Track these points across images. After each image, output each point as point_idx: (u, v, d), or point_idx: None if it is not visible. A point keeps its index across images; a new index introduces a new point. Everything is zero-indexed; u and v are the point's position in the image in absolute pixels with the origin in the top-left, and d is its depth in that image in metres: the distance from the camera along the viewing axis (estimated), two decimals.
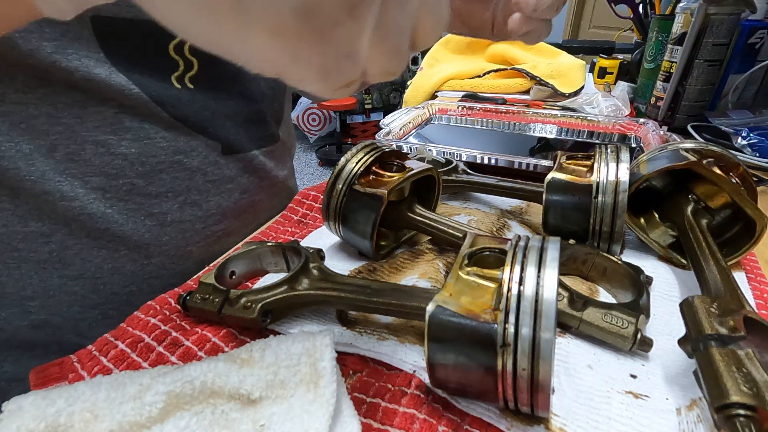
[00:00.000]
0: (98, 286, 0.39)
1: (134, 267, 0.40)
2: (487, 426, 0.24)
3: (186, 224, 0.42)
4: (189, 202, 0.41)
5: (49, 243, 0.36)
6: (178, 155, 0.39)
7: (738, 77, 0.69)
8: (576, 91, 0.86)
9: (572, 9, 3.03)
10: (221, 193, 0.44)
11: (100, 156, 0.35)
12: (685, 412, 0.24)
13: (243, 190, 0.46)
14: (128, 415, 0.22)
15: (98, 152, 0.35)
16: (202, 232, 0.43)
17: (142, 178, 0.37)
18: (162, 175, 0.38)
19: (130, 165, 0.36)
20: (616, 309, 0.28)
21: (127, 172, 0.36)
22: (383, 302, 0.29)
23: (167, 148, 0.38)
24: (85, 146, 0.34)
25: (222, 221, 0.45)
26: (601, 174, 0.35)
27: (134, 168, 0.37)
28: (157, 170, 0.38)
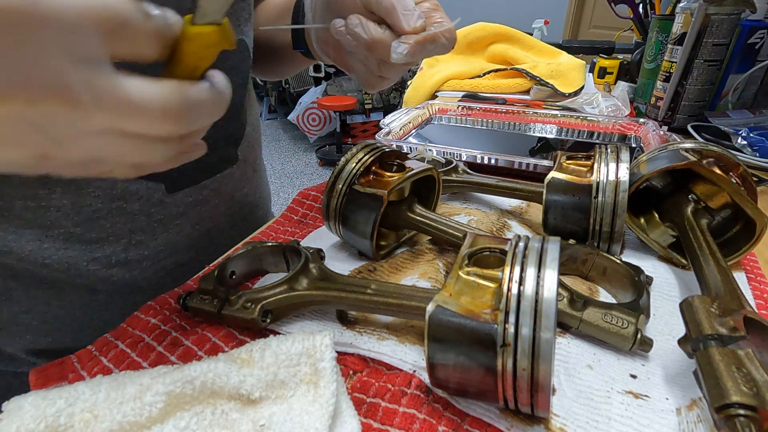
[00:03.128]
0: (47, 317, 0.38)
1: (82, 301, 0.39)
2: (487, 426, 0.24)
3: (132, 263, 0.40)
4: (134, 243, 0.39)
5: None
6: (116, 201, 0.37)
7: (738, 77, 0.69)
8: (576, 91, 0.86)
9: (572, 9, 3.03)
10: (169, 230, 0.42)
11: (32, 210, 0.34)
12: (685, 412, 0.24)
13: (195, 222, 0.44)
14: (128, 416, 0.22)
15: (28, 206, 0.34)
16: (151, 268, 0.42)
17: (79, 227, 0.36)
18: (101, 221, 0.37)
19: (65, 216, 0.35)
20: (616, 309, 0.28)
21: (62, 223, 0.35)
22: (383, 302, 0.29)
23: (103, 197, 0.36)
24: (14, 202, 0.33)
25: (172, 255, 0.43)
26: (601, 174, 0.35)
27: (69, 218, 0.35)
28: (95, 218, 0.36)
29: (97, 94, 0.17)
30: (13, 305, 0.37)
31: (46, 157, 0.18)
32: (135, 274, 0.41)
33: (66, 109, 0.17)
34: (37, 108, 0.16)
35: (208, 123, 0.22)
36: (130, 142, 0.19)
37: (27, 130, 0.17)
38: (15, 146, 0.18)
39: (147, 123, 0.19)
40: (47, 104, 0.16)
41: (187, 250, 0.44)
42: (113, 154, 0.20)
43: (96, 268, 0.38)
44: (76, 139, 0.18)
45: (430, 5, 0.34)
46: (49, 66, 0.16)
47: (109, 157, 0.20)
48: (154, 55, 0.19)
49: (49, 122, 0.17)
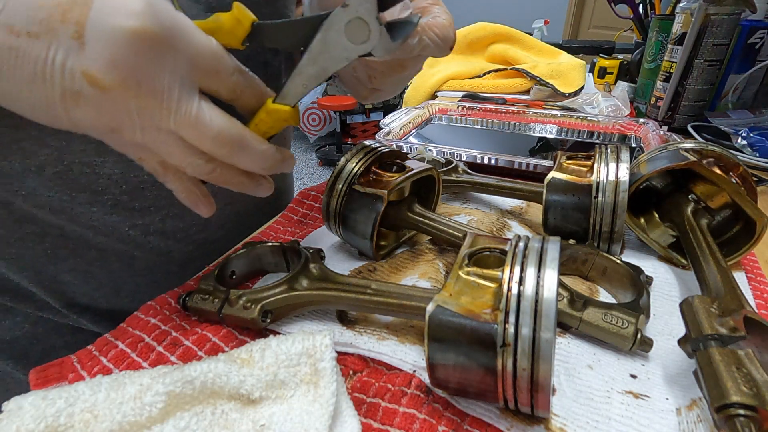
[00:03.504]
0: (88, 278, 0.41)
1: (121, 265, 0.42)
2: (487, 426, 0.24)
3: (168, 233, 0.43)
4: (171, 215, 0.42)
5: (43, 243, 0.38)
6: None
7: (738, 77, 0.69)
8: (576, 91, 0.86)
9: (572, 9, 3.03)
10: None
11: (86, 176, 0.36)
12: (685, 412, 0.24)
13: (227, 202, 0.46)
14: (128, 416, 0.22)
15: (84, 172, 0.36)
16: (184, 240, 0.44)
17: (126, 195, 0.39)
18: (145, 192, 0.40)
19: (115, 183, 0.38)
20: (616, 309, 0.28)
21: (111, 190, 0.38)
22: (383, 302, 0.29)
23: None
24: (72, 167, 0.36)
25: (204, 230, 0.45)
26: (601, 174, 0.35)
27: (118, 186, 0.38)
28: (140, 188, 0.39)
29: (180, 103, 0.23)
30: (59, 263, 0.39)
31: (115, 132, 0.23)
32: (169, 244, 0.43)
33: (157, 107, 0.22)
34: (140, 100, 0.22)
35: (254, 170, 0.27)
36: (180, 148, 0.25)
37: (120, 110, 0.22)
38: (101, 116, 0.22)
39: (202, 138, 0.24)
40: (148, 99, 0.22)
41: (217, 228, 0.46)
42: (162, 150, 0.24)
43: (135, 234, 0.41)
44: (147, 129, 0.23)
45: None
46: (162, 75, 0.22)
47: (157, 151, 0.25)
48: (225, 98, 0.25)
49: (140, 111, 0.22)
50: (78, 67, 0.21)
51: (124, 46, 0.21)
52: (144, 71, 0.21)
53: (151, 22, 0.21)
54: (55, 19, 0.20)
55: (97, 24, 0.20)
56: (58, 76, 0.21)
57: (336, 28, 0.26)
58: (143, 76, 0.21)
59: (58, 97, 0.21)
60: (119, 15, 0.20)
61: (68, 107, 0.22)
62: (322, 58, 0.27)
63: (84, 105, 0.22)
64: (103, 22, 0.20)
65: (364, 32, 0.26)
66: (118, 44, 0.21)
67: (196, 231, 0.45)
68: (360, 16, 0.26)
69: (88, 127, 0.23)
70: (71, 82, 0.21)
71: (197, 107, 0.24)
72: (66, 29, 0.20)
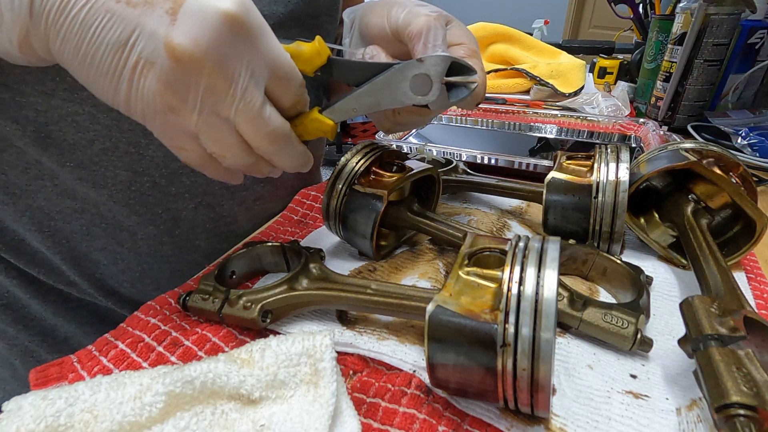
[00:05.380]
0: (118, 261, 0.43)
1: (148, 250, 0.43)
2: (487, 426, 0.24)
3: (197, 222, 0.44)
4: (203, 204, 0.43)
5: (81, 218, 0.39)
6: None
7: (738, 77, 0.69)
8: (576, 91, 0.86)
9: (572, 9, 3.03)
10: (235, 198, 0.45)
11: (130, 155, 0.38)
12: (685, 412, 0.24)
13: (257, 197, 0.47)
14: (128, 416, 0.22)
15: (128, 151, 0.38)
16: (212, 231, 0.45)
17: (164, 179, 0.40)
18: (183, 178, 0.41)
19: (155, 166, 0.39)
20: (616, 309, 0.28)
21: (151, 172, 0.39)
22: (383, 302, 0.29)
23: None
24: (119, 145, 0.37)
25: (232, 224, 0.47)
26: (601, 174, 0.35)
27: (159, 169, 0.39)
28: (179, 173, 0.41)
29: (246, 93, 0.24)
30: (92, 241, 0.41)
31: (173, 111, 0.24)
32: (197, 233, 0.45)
33: (224, 91, 0.23)
34: (210, 80, 0.23)
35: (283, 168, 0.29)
36: (232, 137, 0.25)
37: (187, 86, 0.23)
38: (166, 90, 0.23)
39: (256, 132, 0.25)
40: (218, 81, 0.23)
41: (245, 222, 0.48)
42: (212, 136, 0.25)
43: (167, 218, 0.42)
44: (206, 112, 0.24)
45: (466, 51, 0.33)
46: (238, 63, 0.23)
47: (207, 137, 0.25)
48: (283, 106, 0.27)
49: (206, 92, 0.23)
50: (162, 36, 0.22)
51: (213, 25, 0.22)
52: (223, 54, 0.22)
53: (244, 13, 0.22)
54: None
55: (195, 3, 0.22)
56: (141, 43, 0.22)
57: (404, 75, 0.29)
58: (221, 58, 0.22)
59: (131, 65, 0.22)
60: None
61: (137, 77, 0.22)
62: (382, 94, 0.29)
63: (153, 76, 0.22)
64: (201, 1, 0.22)
65: (426, 87, 0.29)
66: (208, 22, 0.22)
67: (225, 223, 0.46)
68: (428, 74, 0.29)
69: (146, 103, 0.23)
70: (150, 51, 0.22)
71: (261, 102, 0.25)
72: (163, 3, 0.22)
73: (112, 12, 0.21)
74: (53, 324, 0.43)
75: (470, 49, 0.33)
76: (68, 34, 0.22)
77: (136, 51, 0.22)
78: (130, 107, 0.24)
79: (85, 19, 0.21)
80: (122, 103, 0.24)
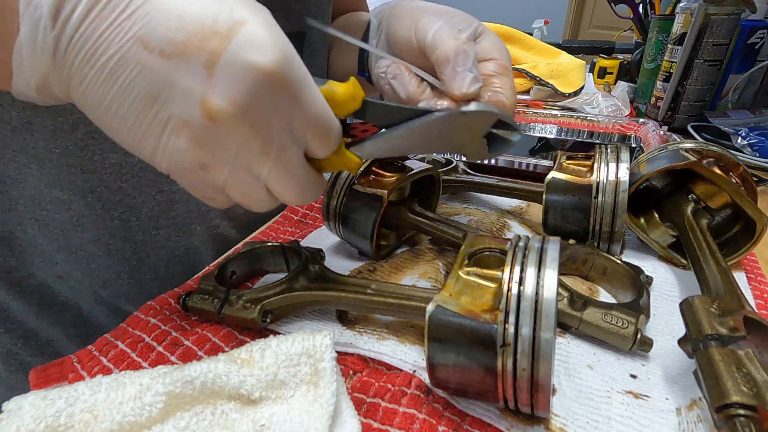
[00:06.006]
0: (112, 251, 0.41)
1: (144, 236, 0.42)
2: (487, 426, 0.24)
3: (192, 204, 0.43)
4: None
5: (69, 209, 0.38)
6: None
7: (738, 77, 0.69)
8: (576, 91, 0.86)
9: (572, 9, 3.03)
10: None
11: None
12: (685, 412, 0.24)
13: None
14: (128, 416, 0.22)
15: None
16: (207, 214, 0.45)
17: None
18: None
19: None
20: (616, 309, 0.28)
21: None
22: (383, 302, 0.29)
23: None
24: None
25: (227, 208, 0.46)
26: (601, 174, 0.35)
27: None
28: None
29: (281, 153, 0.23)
30: (84, 232, 0.39)
31: (204, 169, 0.23)
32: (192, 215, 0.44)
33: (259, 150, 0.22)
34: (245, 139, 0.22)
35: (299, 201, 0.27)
36: (261, 192, 0.25)
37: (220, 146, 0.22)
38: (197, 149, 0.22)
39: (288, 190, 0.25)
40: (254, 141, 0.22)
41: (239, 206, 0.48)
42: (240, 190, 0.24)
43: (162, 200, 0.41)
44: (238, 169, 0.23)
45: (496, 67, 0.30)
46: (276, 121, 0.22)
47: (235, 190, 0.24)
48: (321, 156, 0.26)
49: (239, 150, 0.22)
50: (198, 94, 0.20)
51: (253, 84, 0.20)
52: (261, 113, 0.21)
53: (285, 68, 0.21)
54: (192, 44, 0.20)
55: (232, 58, 0.20)
56: (174, 99, 0.20)
57: (444, 125, 0.26)
58: (259, 117, 0.21)
59: (163, 121, 0.21)
60: (257, 53, 0.20)
61: (167, 133, 0.21)
62: (418, 139, 0.27)
63: (185, 135, 0.21)
64: (239, 56, 0.20)
65: (466, 139, 0.27)
66: (248, 82, 0.20)
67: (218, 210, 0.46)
68: (470, 128, 0.26)
69: (175, 161, 0.22)
70: (184, 108, 0.20)
71: (297, 162, 0.24)
72: (200, 56, 0.20)
73: (144, 64, 0.19)
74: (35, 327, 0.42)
75: (501, 66, 0.31)
76: (93, 84, 0.20)
77: (168, 107, 0.20)
78: (155, 161, 0.22)
79: (114, 70, 0.20)
80: (147, 156, 0.22)
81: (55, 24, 0.19)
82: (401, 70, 0.31)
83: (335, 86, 0.25)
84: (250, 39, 0.20)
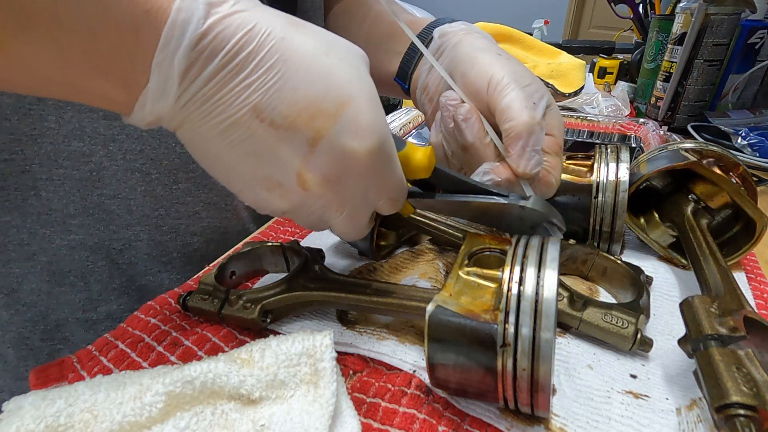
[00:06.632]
0: (131, 206, 0.41)
1: (163, 191, 0.42)
2: (487, 426, 0.24)
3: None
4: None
5: (89, 162, 0.38)
6: None
7: (738, 77, 0.69)
8: (576, 91, 0.86)
9: (572, 9, 3.03)
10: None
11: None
12: (685, 412, 0.24)
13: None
14: (128, 416, 0.22)
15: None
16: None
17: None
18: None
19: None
20: (616, 309, 0.28)
21: None
22: (383, 302, 0.29)
23: None
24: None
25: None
26: (601, 174, 0.35)
27: None
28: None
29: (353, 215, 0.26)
30: (104, 188, 0.40)
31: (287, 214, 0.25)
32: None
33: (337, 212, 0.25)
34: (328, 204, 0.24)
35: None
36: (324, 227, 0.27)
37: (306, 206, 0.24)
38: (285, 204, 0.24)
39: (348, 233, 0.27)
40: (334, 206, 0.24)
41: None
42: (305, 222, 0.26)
43: (182, 151, 0.41)
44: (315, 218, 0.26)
45: (552, 145, 0.32)
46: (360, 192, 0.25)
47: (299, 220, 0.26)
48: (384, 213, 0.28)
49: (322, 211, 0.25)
50: (297, 167, 0.22)
51: (348, 168, 0.22)
52: (347, 186, 0.23)
53: (377, 153, 0.23)
54: (301, 121, 0.21)
55: (335, 139, 0.22)
56: (273, 165, 0.22)
57: (500, 210, 0.28)
58: (343, 188, 0.23)
59: (260, 179, 0.23)
60: (357, 138, 0.22)
61: (262, 188, 0.23)
62: (471, 213, 0.30)
63: (276, 193, 0.23)
64: (342, 139, 0.22)
65: (515, 225, 0.29)
66: (344, 165, 0.22)
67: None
68: (523, 219, 0.28)
69: (263, 207, 0.25)
70: (281, 175, 0.22)
71: (363, 219, 0.26)
72: (306, 133, 0.21)
73: (254, 131, 0.21)
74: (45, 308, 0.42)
75: (557, 145, 0.32)
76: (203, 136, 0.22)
77: (267, 168, 0.22)
78: (242, 198, 0.25)
79: (226, 130, 0.21)
80: (234, 191, 0.24)
81: (182, 81, 0.20)
82: (473, 116, 0.32)
83: (413, 152, 0.27)
84: (353, 122, 0.22)
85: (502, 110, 0.31)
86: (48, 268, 0.41)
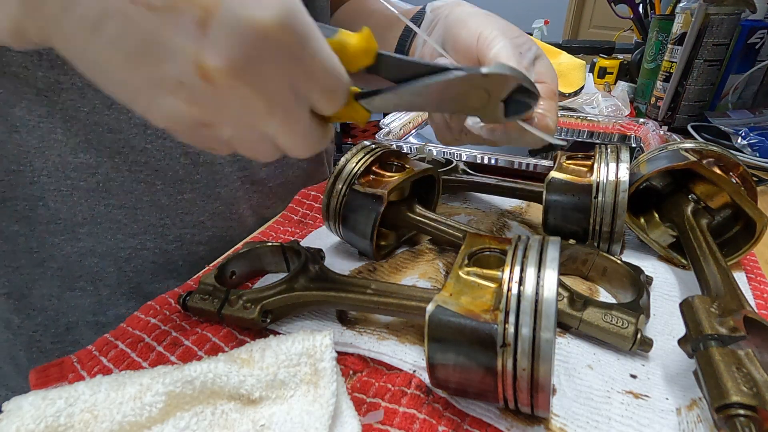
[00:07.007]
0: (138, 216, 0.42)
1: (169, 201, 0.43)
2: (487, 426, 0.24)
3: (217, 166, 0.44)
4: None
5: (96, 174, 0.39)
6: None
7: (738, 77, 0.69)
8: (576, 91, 0.86)
9: (572, 9, 3.03)
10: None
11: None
12: (685, 412, 0.24)
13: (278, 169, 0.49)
14: (128, 416, 0.22)
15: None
16: (231, 176, 0.46)
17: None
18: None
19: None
20: (616, 309, 0.28)
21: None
22: (383, 302, 0.29)
23: None
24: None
25: (247, 167, 0.47)
26: (601, 174, 0.35)
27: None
28: None
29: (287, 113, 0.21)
30: (110, 198, 0.40)
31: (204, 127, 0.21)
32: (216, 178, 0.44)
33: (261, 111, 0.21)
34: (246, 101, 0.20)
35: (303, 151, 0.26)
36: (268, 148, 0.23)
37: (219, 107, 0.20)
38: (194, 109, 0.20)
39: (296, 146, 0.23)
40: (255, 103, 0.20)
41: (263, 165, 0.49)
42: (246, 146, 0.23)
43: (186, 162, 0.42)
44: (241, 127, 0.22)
45: (545, 91, 0.31)
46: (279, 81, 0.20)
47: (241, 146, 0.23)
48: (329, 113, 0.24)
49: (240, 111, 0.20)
50: (192, 56, 0.18)
51: (252, 43, 0.18)
52: (262, 73, 0.19)
53: (287, 24, 0.19)
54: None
55: (229, 13, 0.18)
56: (165, 60, 0.18)
57: (462, 85, 0.25)
58: (259, 77, 0.20)
59: (155, 82, 0.19)
60: (257, 7, 0.18)
61: (162, 94, 0.19)
62: (432, 98, 0.25)
63: (181, 95, 0.19)
64: (237, 12, 0.18)
65: (483, 101, 0.26)
66: (246, 40, 0.18)
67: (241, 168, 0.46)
68: (488, 91, 0.25)
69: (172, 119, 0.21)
70: (177, 70, 0.19)
71: (303, 121, 0.22)
72: (191, 12, 0.17)
73: (129, 18, 0.17)
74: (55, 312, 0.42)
75: (550, 90, 0.32)
76: (73, 36, 0.18)
77: (160, 68, 0.19)
78: (149, 117, 0.21)
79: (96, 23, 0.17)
80: (139, 112, 0.21)
81: None
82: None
83: (347, 37, 0.23)
84: None
85: (489, 60, 0.31)
86: (59, 274, 0.41)
